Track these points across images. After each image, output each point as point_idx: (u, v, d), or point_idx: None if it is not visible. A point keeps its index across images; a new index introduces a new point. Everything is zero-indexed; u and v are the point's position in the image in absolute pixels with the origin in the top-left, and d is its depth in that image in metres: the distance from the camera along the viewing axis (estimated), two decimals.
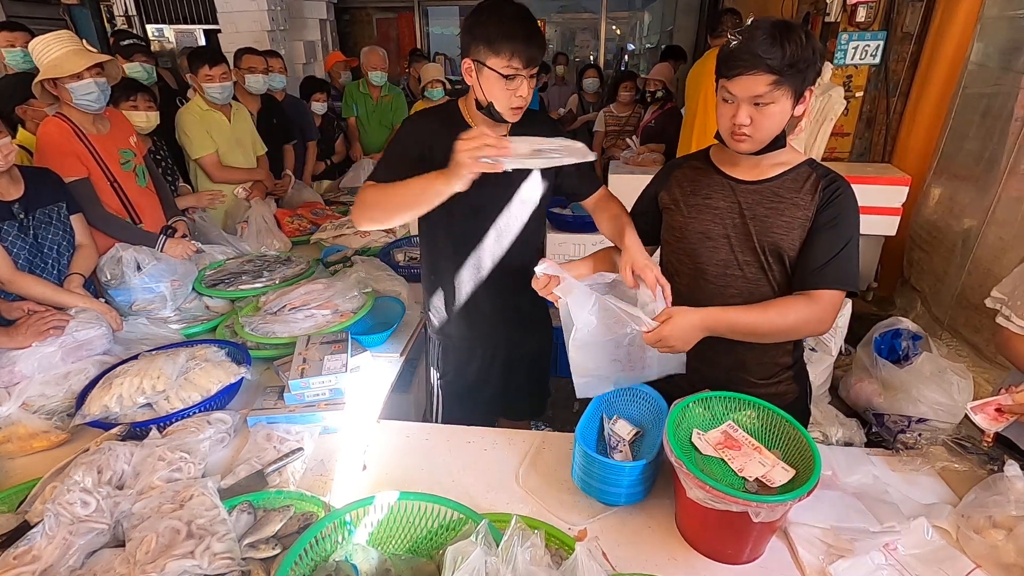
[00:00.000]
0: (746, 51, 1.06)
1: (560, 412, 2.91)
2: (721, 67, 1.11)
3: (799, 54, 1.04)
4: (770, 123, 1.11)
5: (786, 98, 1.08)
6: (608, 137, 4.40)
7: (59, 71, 1.84)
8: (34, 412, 1.37)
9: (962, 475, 1.25)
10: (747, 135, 1.12)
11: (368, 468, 1.30)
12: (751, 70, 1.06)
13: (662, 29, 7.71)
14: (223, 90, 2.72)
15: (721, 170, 1.26)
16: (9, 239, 1.65)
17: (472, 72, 1.32)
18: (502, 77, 1.28)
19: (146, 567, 0.88)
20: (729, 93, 1.11)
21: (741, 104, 1.10)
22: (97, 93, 1.92)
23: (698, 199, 1.26)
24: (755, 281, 1.24)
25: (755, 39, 1.05)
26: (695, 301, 1.23)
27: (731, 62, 1.08)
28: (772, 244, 1.20)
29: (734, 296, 1.25)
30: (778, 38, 1.04)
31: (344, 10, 6.87)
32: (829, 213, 1.17)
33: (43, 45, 1.87)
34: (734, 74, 1.08)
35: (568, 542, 1.01)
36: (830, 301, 1.18)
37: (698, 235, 1.26)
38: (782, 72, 1.05)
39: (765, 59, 1.04)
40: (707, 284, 1.27)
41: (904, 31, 3.09)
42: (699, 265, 1.28)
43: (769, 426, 1.16)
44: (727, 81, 1.10)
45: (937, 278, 2.84)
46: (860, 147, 3.39)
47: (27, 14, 5.09)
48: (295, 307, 1.80)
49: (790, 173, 1.21)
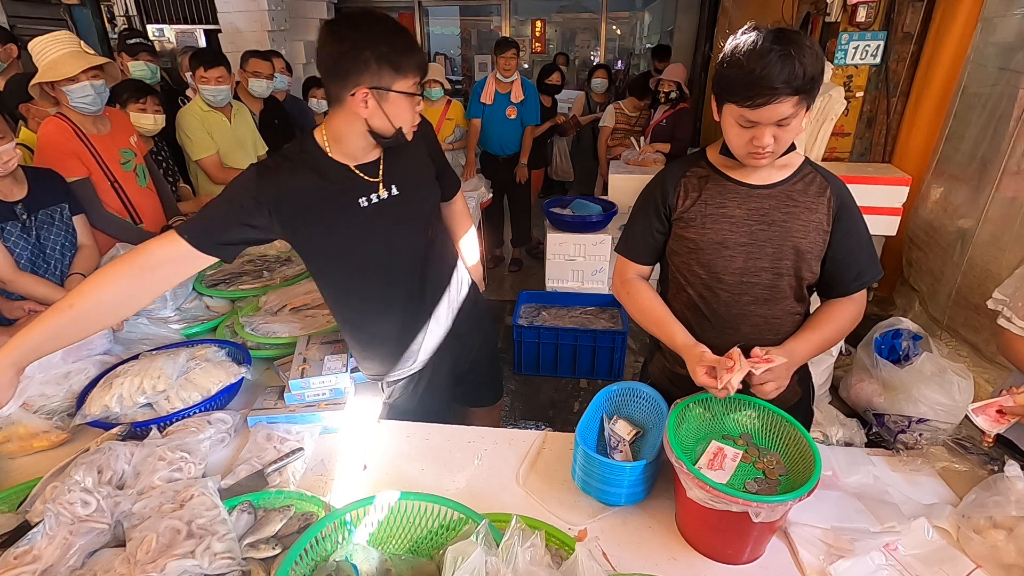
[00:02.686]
0: (764, 81, 0.99)
1: (560, 412, 2.91)
2: (735, 95, 1.05)
3: (815, 66, 1.00)
4: (791, 136, 1.09)
5: (804, 111, 1.06)
6: (615, 134, 4.38)
7: (55, 74, 1.83)
8: (34, 412, 1.37)
9: (962, 475, 1.25)
10: (771, 154, 1.10)
11: (368, 468, 1.30)
12: (776, 99, 1.00)
13: (662, 29, 7.71)
14: (218, 93, 2.70)
15: (730, 176, 1.22)
16: (12, 239, 1.66)
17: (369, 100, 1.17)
18: (409, 97, 1.20)
19: (146, 567, 0.88)
20: (748, 120, 1.06)
21: (764, 128, 1.06)
22: (93, 96, 1.91)
23: (711, 208, 1.22)
24: (770, 287, 1.22)
25: (769, 63, 0.98)
26: (709, 309, 1.26)
27: (749, 92, 1.02)
28: (793, 247, 1.19)
29: (749, 303, 1.24)
30: (791, 57, 0.98)
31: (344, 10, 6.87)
32: (845, 217, 1.19)
33: (41, 46, 1.86)
34: (757, 104, 1.02)
35: (568, 542, 1.01)
36: (863, 297, 1.27)
37: (714, 245, 1.22)
38: (804, 90, 1.01)
39: (790, 84, 0.99)
40: (722, 292, 1.24)
41: (904, 31, 3.09)
42: (715, 274, 1.23)
43: (769, 426, 1.16)
44: (747, 111, 1.04)
45: (934, 278, 2.85)
46: (860, 147, 3.39)
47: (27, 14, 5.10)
48: (295, 307, 1.80)
49: (797, 175, 1.20)
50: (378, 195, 1.31)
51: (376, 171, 1.31)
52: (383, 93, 1.17)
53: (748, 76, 1.01)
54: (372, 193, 1.30)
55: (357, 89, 1.15)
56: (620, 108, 4.36)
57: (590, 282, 3.43)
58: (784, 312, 1.25)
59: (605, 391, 1.32)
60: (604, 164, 4.48)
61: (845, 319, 1.24)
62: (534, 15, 7.64)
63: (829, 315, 1.25)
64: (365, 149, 1.29)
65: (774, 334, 1.25)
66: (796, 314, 1.27)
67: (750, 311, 1.24)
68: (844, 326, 1.25)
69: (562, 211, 3.42)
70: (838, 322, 1.24)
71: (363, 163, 1.30)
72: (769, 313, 1.25)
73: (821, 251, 1.20)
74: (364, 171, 1.30)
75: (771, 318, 1.25)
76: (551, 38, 7.97)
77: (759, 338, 1.21)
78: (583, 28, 8.07)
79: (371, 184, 1.30)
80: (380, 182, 1.31)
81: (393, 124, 1.22)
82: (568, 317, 3.18)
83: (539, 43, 7.56)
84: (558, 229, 3.35)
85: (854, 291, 1.24)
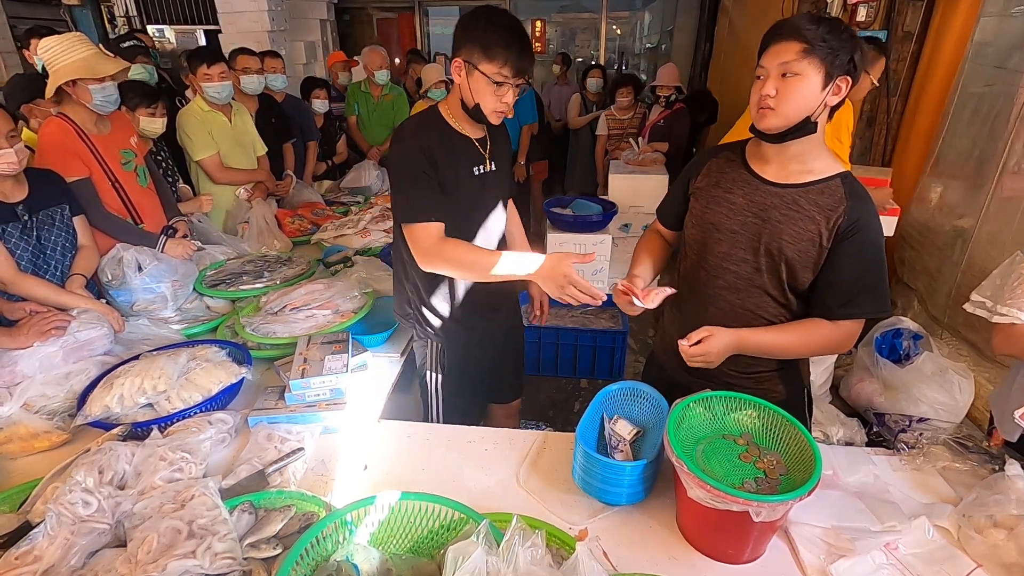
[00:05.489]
0: (782, 24, 1.11)
1: (560, 412, 2.91)
2: (761, 45, 1.15)
3: (835, 33, 1.07)
4: (795, 98, 1.10)
5: (815, 73, 1.08)
6: (611, 140, 4.40)
7: (91, 72, 1.87)
8: (35, 412, 1.37)
9: (963, 474, 1.25)
10: (771, 107, 1.12)
11: (369, 468, 1.30)
12: (783, 39, 1.10)
13: (662, 29, 7.71)
14: (222, 89, 2.70)
15: (750, 166, 1.25)
16: (12, 240, 1.66)
17: (462, 71, 1.38)
18: (492, 83, 1.35)
19: (147, 567, 0.89)
20: (761, 67, 1.14)
21: (770, 76, 1.12)
22: (116, 96, 1.99)
23: (720, 191, 1.27)
24: (746, 278, 1.25)
25: (796, 17, 1.12)
26: (690, 286, 1.34)
27: (769, 35, 1.13)
28: (778, 249, 1.20)
29: (721, 287, 1.28)
30: (818, 19, 1.09)
31: (344, 10, 6.87)
32: (855, 241, 1.15)
33: (65, 45, 1.87)
34: (769, 44, 1.12)
35: (569, 542, 1.02)
36: (853, 328, 1.22)
37: (709, 225, 1.28)
38: (812, 43, 1.07)
39: (800, 28, 1.08)
40: (703, 272, 1.30)
41: (905, 30, 3.08)
42: (702, 253, 1.30)
43: (769, 426, 1.16)
44: (762, 56, 1.14)
45: (931, 277, 2.84)
46: (861, 147, 3.39)
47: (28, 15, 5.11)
48: (296, 307, 1.80)
49: (818, 184, 1.18)
50: (486, 167, 1.54)
51: (486, 145, 1.54)
52: (471, 68, 1.36)
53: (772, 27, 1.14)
54: (482, 165, 1.53)
55: (456, 58, 1.39)
56: (612, 115, 4.37)
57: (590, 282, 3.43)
58: (754, 306, 1.26)
59: (605, 391, 1.32)
60: (601, 173, 4.50)
61: (815, 336, 1.22)
62: (534, 15, 7.64)
63: (800, 325, 1.24)
64: (471, 124, 1.50)
65: (740, 324, 1.24)
66: (774, 314, 1.26)
67: (720, 295, 1.28)
68: (812, 341, 1.23)
69: (562, 211, 3.42)
70: (806, 335, 1.22)
71: (476, 137, 1.52)
72: (738, 302, 1.27)
73: (813, 264, 1.19)
74: (480, 143, 1.52)
75: (739, 307, 1.27)
76: (551, 38, 7.96)
77: (722, 323, 1.22)
78: (583, 28, 8.06)
79: (482, 156, 1.53)
80: (488, 156, 1.54)
81: (473, 98, 1.40)
82: (568, 317, 3.18)
83: (539, 43, 7.56)
84: (558, 229, 3.35)
85: (839, 317, 1.20)
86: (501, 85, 1.36)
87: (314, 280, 1.97)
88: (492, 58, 1.33)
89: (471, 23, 1.35)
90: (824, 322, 1.22)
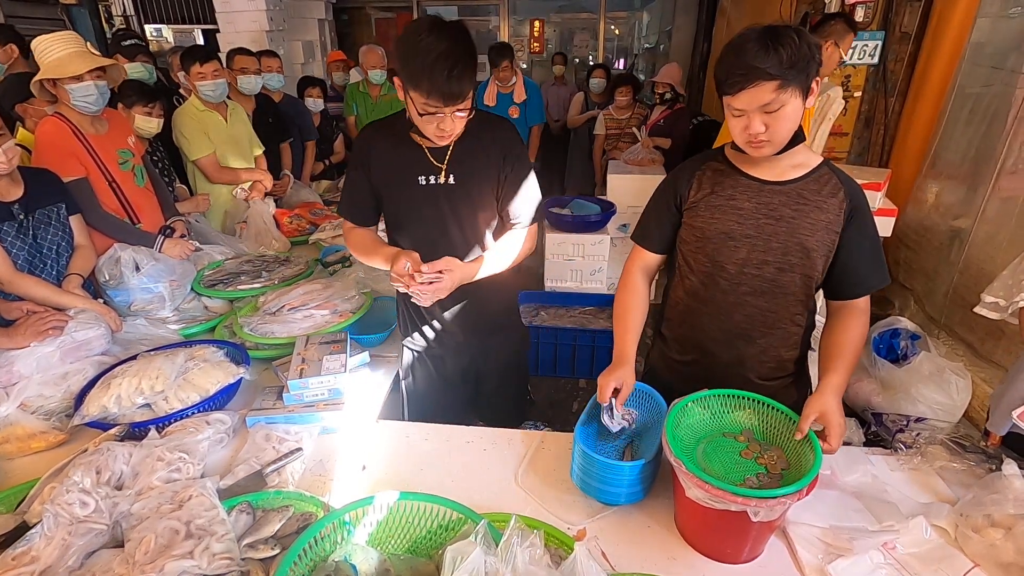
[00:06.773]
0: (740, 66, 1.05)
1: (560, 412, 2.91)
2: (721, 86, 1.11)
3: (796, 54, 1.03)
4: (784, 125, 1.10)
5: (795, 97, 1.08)
6: (609, 140, 4.41)
7: (61, 71, 1.84)
8: (32, 412, 1.37)
9: (961, 474, 1.25)
10: (765, 141, 1.12)
11: (367, 468, 1.30)
12: (751, 83, 1.05)
13: (661, 29, 7.72)
14: (216, 87, 2.69)
15: (743, 171, 1.25)
16: (8, 240, 1.65)
17: (401, 91, 1.29)
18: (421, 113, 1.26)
19: (145, 567, 0.88)
20: (736, 109, 1.11)
21: (752, 115, 1.09)
22: (96, 96, 1.91)
23: (721, 200, 1.25)
24: (772, 281, 1.25)
25: (746, 52, 1.04)
26: (707, 295, 1.30)
27: (729, 79, 1.08)
28: (798, 244, 1.20)
29: (746, 293, 1.26)
30: (769, 45, 1.03)
31: (343, 10, 6.87)
32: (858, 220, 1.20)
33: (46, 44, 1.86)
34: (735, 90, 1.07)
35: (567, 542, 1.02)
36: (867, 302, 1.27)
37: (720, 235, 1.25)
38: (784, 76, 1.04)
39: (765, 69, 1.03)
40: (722, 280, 1.28)
41: (902, 31, 3.09)
42: (718, 263, 1.27)
43: (769, 424, 1.16)
44: (730, 98, 1.10)
45: (927, 277, 2.85)
46: (859, 147, 3.40)
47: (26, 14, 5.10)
48: (294, 307, 1.80)
49: (811, 175, 1.21)
50: (438, 178, 1.43)
51: (443, 157, 1.43)
52: (406, 91, 1.27)
53: (727, 65, 1.08)
54: (433, 175, 1.43)
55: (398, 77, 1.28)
56: (609, 114, 4.37)
57: (589, 282, 3.43)
58: (782, 308, 1.27)
59: None
60: (599, 173, 4.50)
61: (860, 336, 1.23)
62: (532, 15, 7.64)
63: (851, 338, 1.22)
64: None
65: (768, 327, 1.28)
66: (796, 313, 1.28)
67: (746, 301, 1.27)
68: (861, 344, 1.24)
69: (561, 211, 3.42)
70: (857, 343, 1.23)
71: (434, 147, 1.42)
72: (766, 306, 1.27)
73: (829, 251, 1.21)
74: (433, 154, 1.42)
75: (767, 311, 1.27)
76: (549, 38, 7.96)
77: (751, 328, 1.27)
78: (581, 28, 8.06)
79: (433, 167, 1.43)
80: (445, 168, 1.43)
81: (412, 121, 1.34)
82: (567, 317, 3.18)
83: (537, 43, 7.56)
84: (557, 229, 3.35)
85: (859, 295, 1.24)
86: (434, 115, 1.26)
87: (312, 280, 1.96)
88: (416, 88, 1.22)
89: (398, 44, 1.24)
90: (854, 316, 1.24)
